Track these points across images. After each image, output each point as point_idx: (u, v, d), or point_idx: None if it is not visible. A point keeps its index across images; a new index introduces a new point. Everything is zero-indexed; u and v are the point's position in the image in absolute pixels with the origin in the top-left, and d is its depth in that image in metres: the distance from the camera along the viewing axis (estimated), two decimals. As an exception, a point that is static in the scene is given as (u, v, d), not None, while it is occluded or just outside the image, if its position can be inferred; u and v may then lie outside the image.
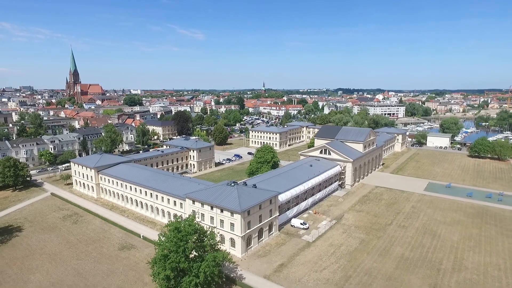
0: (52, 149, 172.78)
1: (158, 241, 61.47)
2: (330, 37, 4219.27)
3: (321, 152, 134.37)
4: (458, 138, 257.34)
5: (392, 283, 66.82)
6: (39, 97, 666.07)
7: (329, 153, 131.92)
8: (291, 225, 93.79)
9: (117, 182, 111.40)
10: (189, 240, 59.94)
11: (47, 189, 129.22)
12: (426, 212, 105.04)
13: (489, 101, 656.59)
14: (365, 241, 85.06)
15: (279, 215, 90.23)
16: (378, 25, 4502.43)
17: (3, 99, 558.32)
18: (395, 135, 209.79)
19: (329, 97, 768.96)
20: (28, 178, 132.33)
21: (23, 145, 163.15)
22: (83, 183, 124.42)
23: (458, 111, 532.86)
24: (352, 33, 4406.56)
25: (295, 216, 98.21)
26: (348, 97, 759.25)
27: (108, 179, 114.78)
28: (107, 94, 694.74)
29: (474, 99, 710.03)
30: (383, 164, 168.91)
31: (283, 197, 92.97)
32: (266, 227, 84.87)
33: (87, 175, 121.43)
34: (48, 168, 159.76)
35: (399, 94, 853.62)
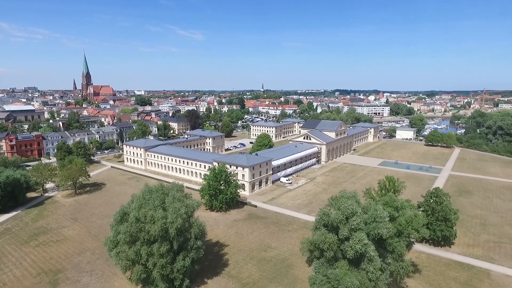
0: (98, 138, 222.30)
1: (205, 177, 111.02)
2: (328, 38, 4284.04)
3: (304, 138, 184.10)
4: (426, 132, 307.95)
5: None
6: (51, 97, 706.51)
7: (310, 139, 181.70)
8: (280, 181, 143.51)
9: (161, 156, 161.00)
10: (222, 176, 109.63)
11: (105, 164, 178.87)
12: (372, 176, 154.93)
13: (472, 102, 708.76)
14: (326, 189, 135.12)
15: (272, 174, 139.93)
16: (377, 26, 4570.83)
17: (22, 99, 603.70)
18: (369, 128, 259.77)
19: (325, 98, 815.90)
20: (92, 157, 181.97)
21: (77, 135, 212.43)
22: (133, 159, 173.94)
23: (440, 111, 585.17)
24: (351, 34, 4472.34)
25: (283, 176, 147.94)
26: (342, 97, 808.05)
27: (154, 155, 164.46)
28: (116, 95, 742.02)
29: (459, 100, 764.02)
30: (354, 149, 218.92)
31: (275, 163, 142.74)
32: (264, 180, 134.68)
33: (137, 153, 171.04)
34: (97, 152, 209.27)
35: (392, 95, 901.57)
